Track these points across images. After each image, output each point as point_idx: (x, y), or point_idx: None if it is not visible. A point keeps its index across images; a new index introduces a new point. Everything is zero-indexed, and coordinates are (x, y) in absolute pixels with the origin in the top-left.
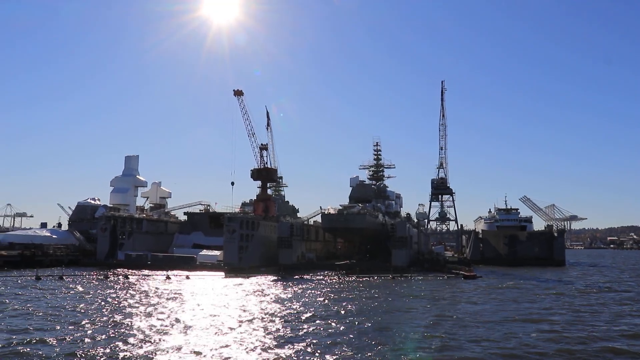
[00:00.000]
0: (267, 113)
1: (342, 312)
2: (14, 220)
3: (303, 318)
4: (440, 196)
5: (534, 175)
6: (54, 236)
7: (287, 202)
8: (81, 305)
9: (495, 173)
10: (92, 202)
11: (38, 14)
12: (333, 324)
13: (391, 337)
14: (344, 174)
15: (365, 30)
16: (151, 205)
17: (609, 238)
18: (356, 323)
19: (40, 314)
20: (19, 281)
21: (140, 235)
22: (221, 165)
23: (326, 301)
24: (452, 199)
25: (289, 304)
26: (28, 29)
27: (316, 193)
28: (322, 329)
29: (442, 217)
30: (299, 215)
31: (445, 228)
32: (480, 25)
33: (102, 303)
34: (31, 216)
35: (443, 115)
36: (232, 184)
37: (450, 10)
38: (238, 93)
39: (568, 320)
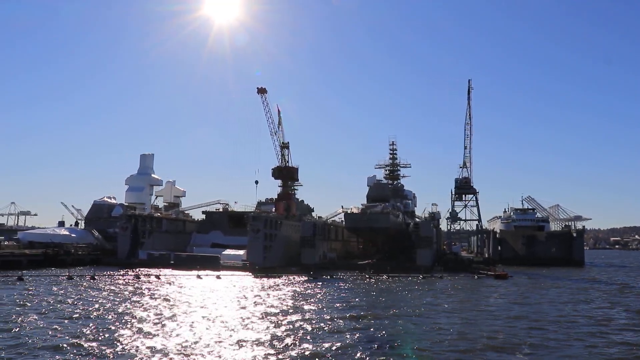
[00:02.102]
0: (279, 112)
1: (418, 315)
2: (17, 218)
3: (381, 319)
4: (463, 196)
5: (535, 175)
6: (72, 235)
7: (302, 201)
8: (142, 306)
9: (496, 173)
10: (109, 200)
11: (39, 14)
12: (422, 326)
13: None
14: (344, 173)
15: (365, 30)
16: (165, 204)
17: (612, 239)
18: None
19: (115, 318)
20: (73, 281)
21: (160, 235)
22: (221, 165)
23: (387, 301)
24: (476, 198)
25: (353, 306)
26: (29, 28)
27: (317, 193)
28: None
29: (454, 217)
30: (312, 214)
31: (459, 227)
32: (480, 25)
33: (162, 304)
34: (35, 215)
35: (469, 115)
36: (257, 182)
37: (450, 10)
38: (262, 91)
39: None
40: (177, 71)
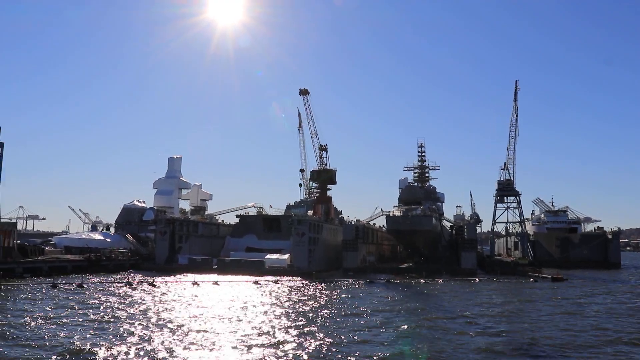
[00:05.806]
0: (299, 114)
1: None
2: (26, 222)
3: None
4: (505, 198)
5: (537, 176)
6: (107, 240)
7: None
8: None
9: (496, 173)
10: (139, 204)
11: (45, 16)
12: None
13: None
14: (348, 173)
15: (367, 30)
16: (192, 207)
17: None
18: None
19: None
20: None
21: (196, 239)
22: (221, 166)
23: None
24: (518, 200)
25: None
26: (34, 31)
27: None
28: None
29: (476, 219)
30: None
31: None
32: (480, 26)
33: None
34: (43, 218)
35: (516, 116)
36: (300, 185)
37: (451, 11)
38: (304, 92)
39: None
40: (181, 73)
